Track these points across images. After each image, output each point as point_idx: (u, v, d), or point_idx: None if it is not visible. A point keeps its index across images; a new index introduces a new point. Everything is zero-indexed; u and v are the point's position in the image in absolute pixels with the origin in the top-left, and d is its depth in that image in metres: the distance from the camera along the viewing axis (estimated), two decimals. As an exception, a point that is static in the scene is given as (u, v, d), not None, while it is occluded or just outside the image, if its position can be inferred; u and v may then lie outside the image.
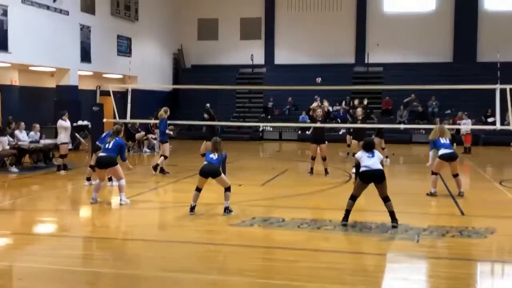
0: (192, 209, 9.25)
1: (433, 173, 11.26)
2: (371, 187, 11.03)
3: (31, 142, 15.10)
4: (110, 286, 6.11)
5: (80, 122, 20.93)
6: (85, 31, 22.08)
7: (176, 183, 12.87)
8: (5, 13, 17.64)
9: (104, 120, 14.86)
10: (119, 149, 10.37)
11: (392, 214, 8.35)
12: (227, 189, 9.39)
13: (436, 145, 11.09)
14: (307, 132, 15.38)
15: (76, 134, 19.63)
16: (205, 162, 9.35)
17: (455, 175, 11.10)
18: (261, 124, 26.23)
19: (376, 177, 8.38)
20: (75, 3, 21.45)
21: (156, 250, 7.28)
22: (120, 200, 10.22)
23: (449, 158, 10.93)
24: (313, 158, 14.13)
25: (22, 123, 15.35)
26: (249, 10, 30.70)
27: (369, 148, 8.53)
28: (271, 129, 26.68)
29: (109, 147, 10.26)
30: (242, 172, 14.12)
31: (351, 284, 5.98)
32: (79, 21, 21.75)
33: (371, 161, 8.36)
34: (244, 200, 10.61)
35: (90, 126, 15.93)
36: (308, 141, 15.83)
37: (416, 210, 9.94)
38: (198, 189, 9.32)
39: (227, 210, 9.32)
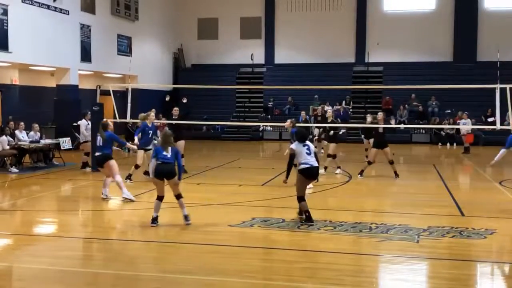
0: (154, 220, 8.38)
1: None
2: (371, 189, 11.08)
3: (31, 142, 15.10)
4: (110, 286, 6.11)
5: (79, 122, 20.87)
6: (85, 30, 22.07)
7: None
8: (5, 12, 17.62)
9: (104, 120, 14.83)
10: (111, 142, 10.45)
11: (300, 212, 8.85)
12: (179, 196, 8.47)
13: None
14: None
15: (76, 134, 19.61)
16: (158, 162, 8.37)
17: None
18: (261, 124, 26.22)
19: (315, 175, 8.86)
20: (75, 3, 21.42)
21: (155, 251, 7.28)
22: (123, 194, 10.27)
23: None
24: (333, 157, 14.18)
25: (22, 123, 15.36)
26: (249, 10, 30.68)
27: (303, 139, 8.82)
28: (271, 129, 26.67)
29: (101, 144, 10.41)
30: (242, 172, 14.11)
31: (350, 284, 5.98)
32: (79, 21, 21.73)
33: (310, 157, 8.69)
34: (244, 200, 10.62)
35: (90, 125, 15.94)
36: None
37: (416, 211, 9.94)
38: (160, 198, 8.44)
39: (187, 218, 8.49)
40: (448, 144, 23.11)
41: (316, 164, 8.74)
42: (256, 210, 9.77)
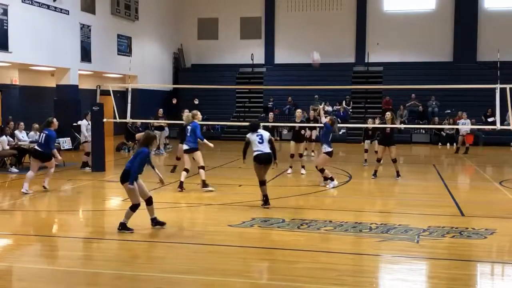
0: (123, 226, 8.02)
1: None
2: (371, 189, 11.08)
3: (31, 142, 15.09)
4: (110, 286, 6.10)
5: (80, 122, 20.88)
6: (85, 30, 22.07)
7: (175, 184, 12.84)
8: (5, 12, 17.62)
9: (104, 119, 14.84)
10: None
11: (265, 197, 9.80)
12: (131, 207, 7.98)
13: None
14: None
15: (76, 134, 19.61)
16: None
17: None
18: (261, 124, 26.16)
19: (267, 160, 9.81)
20: (75, 3, 21.43)
21: (155, 251, 7.28)
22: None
23: None
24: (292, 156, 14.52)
25: (22, 124, 15.35)
26: (249, 10, 30.68)
27: (254, 129, 10.01)
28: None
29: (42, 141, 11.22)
30: (242, 172, 14.10)
31: (351, 285, 5.98)
32: (79, 21, 21.73)
33: (262, 145, 9.81)
34: (244, 200, 10.61)
35: (90, 125, 15.96)
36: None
37: (416, 211, 9.94)
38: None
39: (122, 226, 8.02)
40: (448, 144, 23.11)
41: (267, 151, 9.80)
42: (256, 210, 9.76)
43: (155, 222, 8.25)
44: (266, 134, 10.00)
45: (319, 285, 5.97)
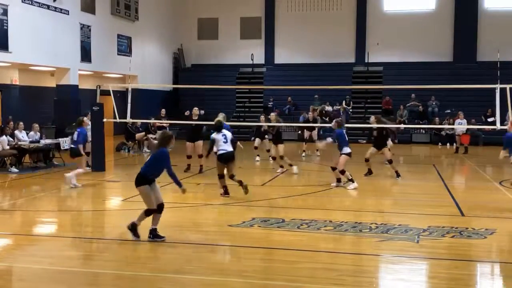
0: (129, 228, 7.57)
1: None
2: (371, 189, 11.10)
3: (31, 142, 15.10)
4: (110, 286, 6.11)
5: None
6: (85, 30, 22.07)
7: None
8: (5, 12, 17.63)
9: (104, 119, 14.83)
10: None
11: (240, 182, 10.66)
12: (146, 211, 7.57)
13: None
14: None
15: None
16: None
17: None
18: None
19: (230, 158, 10.72)
20: (75, 3, 21.43)
21: (155, 251, 7.27)
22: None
23: None
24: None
25: (21, 123, 15.34)
26: (249, 10, 30.68)
27: (219, 129, 10.88)
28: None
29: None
30: (242, 172, 14.09)
31: (351, 285, 5.98)
32: (79, 21, 21.73)
33: (226, 145, 10.71)
34: (244, 200, 10.61)
35: (90, 125, 15.97)
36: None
37: (416, 211, 9.93)
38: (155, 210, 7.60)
39: (137, 233, 7.57)
40: (448, 144, 23.10)
41: (230, 149, 10.73)
42: (256, 210, 9.77)
43: (154, 235, 7.49)
44: (229, 134, 11.02)
45: (319, 285, 5.97)
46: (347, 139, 12.13)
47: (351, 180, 11.94)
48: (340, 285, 5.93)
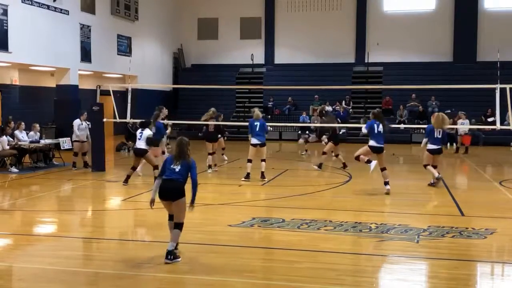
0: (168, 255, 6.61)
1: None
2: (371, 189, 11.07)
3: (31, 142, 15.10)
4: (110, 286, 6.10)
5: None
6: (85, 30, 22.06)
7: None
8: (5, 12, 17.62)
9: (104, 119, 14.83)
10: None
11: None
12: (178, 225, 6.77)
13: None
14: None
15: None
16: (163, 177, 6.85)
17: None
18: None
19: (139, 153, 12.30)
20: (75, 3, 21.42)
21: (155, 251, 7.27)
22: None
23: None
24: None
25: (22, 124, 15.33)
26: (249, 10, 30.68)
27: (143, 126, 12.27)
28: (271, 129, 26.60)
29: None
30: (242, 172, 14.10)
31: (351, 285, 5.98)
32: (79, 21, 21.72)
33: (139, 141, 12.16)
34: (244, 200, 10.61)
35: (90, 126, 15.95)
36: None
37: (416, 211, 9.94)
38: (171, 217, 6.92)
39: (170, 255, 6.60)
40: (448, 144, 23.10)
41: (139, 146, 12.31)
42: (256, 210, 9.77)
43: (174, 256, 6.62)
44: (146, 133, 12.14)
45: (319, 285, 5.97)
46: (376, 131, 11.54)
47: (369, 161, 11.51)
48: (340, 285, 5.94)
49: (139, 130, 12.40)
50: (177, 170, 6.76)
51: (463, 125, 20.34)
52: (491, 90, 13.34)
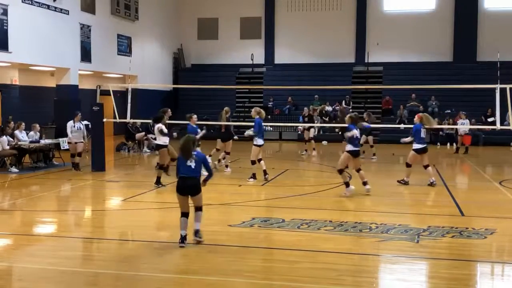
0: (183, 240, 7.30)
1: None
2: (371, 189, 11.02)
3: (31, 142, 15.09)
4: (110, 286, 6.11)
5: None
6: (85, 30, 22.07)
7: (176, 184, 12.84)
8: (5, 12, 17.63)
9: (104, 119, 14.82)
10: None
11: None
12: (200, 208, 7.54)
13: None
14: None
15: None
16: (179, 175, 7.40)
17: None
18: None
19: (156, 147, 12.52)
20: (75, 3, 21.43)
21: (155, 251, 7.27)
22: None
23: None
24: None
25: (23, 124, 15.32)
26: (249, 10, 30.68)
27: (155, 122, 12.16)
28: (271, 129, 26.65)
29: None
30: (242, 172, 14.11)
31: (351, 285, 5.98)
32: (79, 21, 21.73)
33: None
34: (244, 200, 10.61)
35: (90, 126, 15.96)
36: None
37: (416, 211, 9.94)
38: (184, 214, 7.37)
39: (197, 233, 7.45)
40: (448, 144, 23.12)
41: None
42: (256, 210, 9.77)
43: (200, 235, 7.48)
44: (156, 126, 12.14)
45: (319, 285, 5.97)
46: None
47: (347, 185, 11.39)
48: (340, 285, 5.94)
49: (154, 126, 12.52)
50: (192, 167, 7.36)
51: (463, 125, 20.33)
52: (491, 90, 13.34)
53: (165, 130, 12.24)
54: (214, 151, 14.83)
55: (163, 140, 12.16)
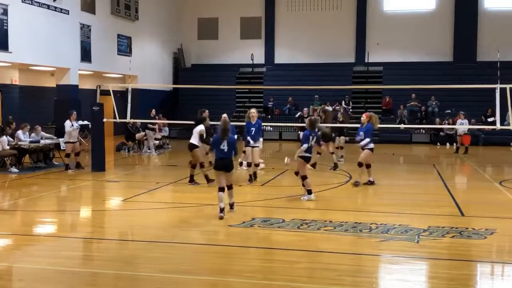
0: (221, 210, 8.91)
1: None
2: (371, 189, 11.03)
3: (31, 142, 15.09)
4: (110, 286, 6.10)
5: (80, 122, 20.87)
6: (85, 30, 22.07)
7: (176, 184, 12.87)
8: (5, 12, 17.63)
9: (104, 119, 14.82)
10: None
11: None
12: (232, 186, 9.33)
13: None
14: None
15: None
16: (216, 156, 9.16)
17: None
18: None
19: (188, 147, 12.27)
20: (75, 3, 21.44)
21: (156, 251, 7.27)
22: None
23: None
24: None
25: (27, 126, 15.28)
26: (249, 10, 30.70)
27: (197, 123, 12.32)
28: (271, 129, 26.65)
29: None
30: (242, 172, 14.10)
31: (350, 285, 5.98)
32: (79, 20, 21.74)
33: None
34: (244, 200, 10.60)
35: (90, 126, 15.95)
36: None
37: (416, 211, 9.93)
38: (221, 189, 9.03)
39: (232, 206, 9.39)
40: (448, 144, 23.12)
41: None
42: (256, 210, 9.77)
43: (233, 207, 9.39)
44: (197, 129, 12.24)
45: (318, 285, 5.97)
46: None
47: (309, 192, 11.03)
48: (339, 285, 5.93)
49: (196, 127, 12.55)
50: (225, 150, 9.02)
51: (462, 125, 20.33)
52: (491, 90, 13.34)
53: (204, 135, 12.38)
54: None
55: (197, 140, 12.29)
